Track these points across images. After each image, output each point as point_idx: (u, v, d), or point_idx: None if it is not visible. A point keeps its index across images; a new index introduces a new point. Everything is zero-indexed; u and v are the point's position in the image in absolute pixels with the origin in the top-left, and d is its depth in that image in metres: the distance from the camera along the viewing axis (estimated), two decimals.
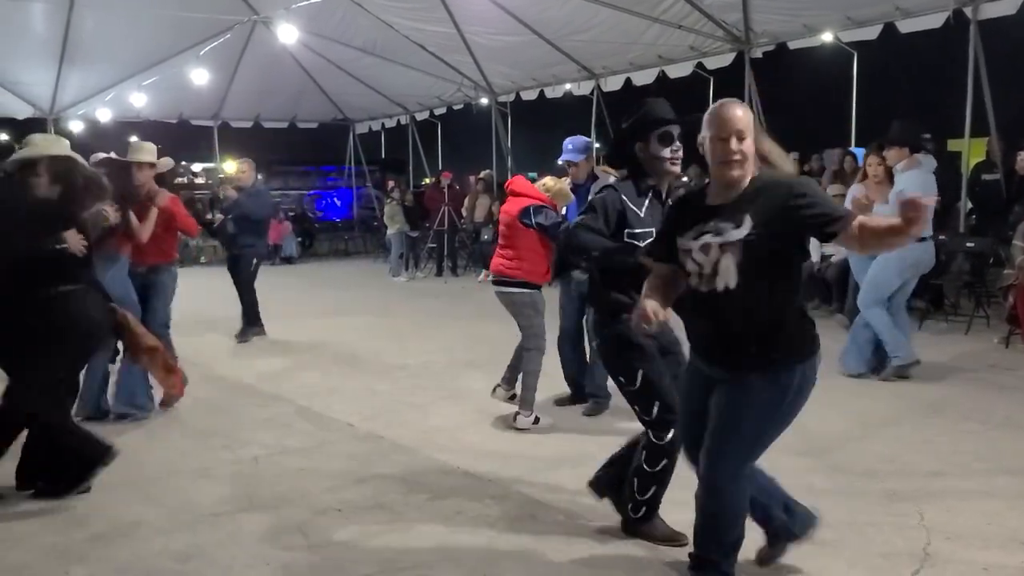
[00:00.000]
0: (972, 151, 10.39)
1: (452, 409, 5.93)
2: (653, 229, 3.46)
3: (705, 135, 2.88)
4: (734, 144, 2.80)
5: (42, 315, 4.06)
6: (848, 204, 5.74)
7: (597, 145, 5.83)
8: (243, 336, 8.57)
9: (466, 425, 5.53)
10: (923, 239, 6.36)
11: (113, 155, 6.00)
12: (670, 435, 3.51)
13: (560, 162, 5.97)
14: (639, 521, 3.64)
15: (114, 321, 4.43)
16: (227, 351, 8.17)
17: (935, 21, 9.79)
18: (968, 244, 9.09)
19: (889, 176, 6.45)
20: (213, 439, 5.25)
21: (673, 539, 3.56)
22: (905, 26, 10.13)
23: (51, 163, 4.23)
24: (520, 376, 5.56)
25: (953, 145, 11.98)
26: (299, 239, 19.41)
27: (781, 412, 2.92)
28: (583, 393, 5.83)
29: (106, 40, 14.11)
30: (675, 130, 3.52)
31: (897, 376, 6.35)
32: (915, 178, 6.20)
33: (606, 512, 3.90)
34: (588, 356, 5.85)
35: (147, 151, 5.84)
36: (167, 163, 6.05)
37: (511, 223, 5.45)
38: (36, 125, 17.42)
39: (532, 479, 4.43)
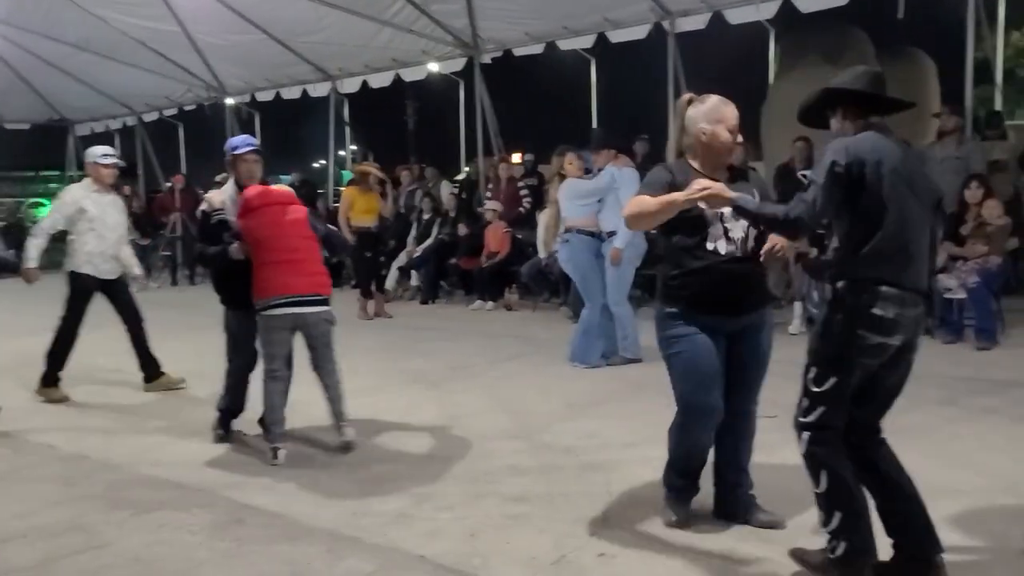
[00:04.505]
0: None
1: (173, 422, 5.69)
2: None
3: (709, 127, 3.44)
4: (737, 136, 3.49)
5: None
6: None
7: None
8: None
9: (185, 436, 5.32)
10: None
11: None
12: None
13: None
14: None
15: None
16: None
17: (639, 32, 10.69)
18: None
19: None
20: None
21: None
22: (615, 36, 10.97)
23: None
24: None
25: None
26: (13, 250, 17.65)
27: None
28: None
29: None
30: None
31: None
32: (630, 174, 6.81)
33: (315, 512, 3.96)
34: None
35: None
36: None
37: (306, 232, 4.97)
38: None
39: (245, 484, 4.38)
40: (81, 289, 6.44)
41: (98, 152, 6.61)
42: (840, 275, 3.06)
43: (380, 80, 13.72)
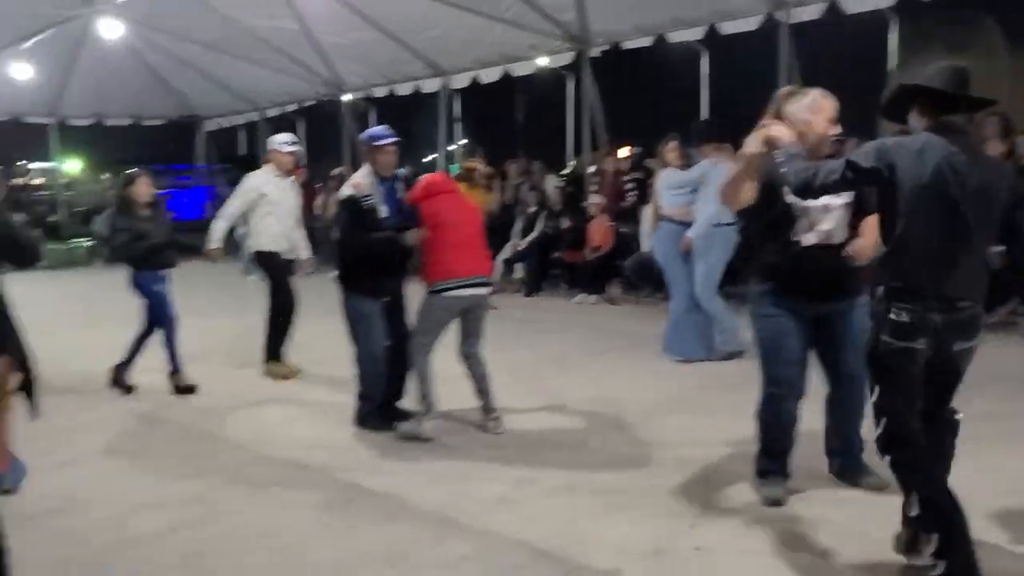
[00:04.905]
0: None
1: (294, 405, 5.96)
2: None
3: (809, 117, 3.59)
4: (835, 127, 3.63)
5: None
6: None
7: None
8: None
9: (305, 419, 5.60)
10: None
11: None
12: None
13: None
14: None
15: None
16: (77, 352, 7.76)
17: (751, 24, 10.49)
18: None
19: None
20: (32, 443, 5.07)
21: None
22: (726, 27, 10.79)
23: None
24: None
25: None
26: None
27: None
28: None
29: None
30: None
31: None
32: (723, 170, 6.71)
33: (421, 494, 4.13)
34: None
35: None
36: None
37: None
38: None
39: (358, 466, 4.60)
40: (274, 264, 6.79)
41: (280, 139, 6.96)
42: (877, 281, 3.10)
43: (490, 75, 13.91)
